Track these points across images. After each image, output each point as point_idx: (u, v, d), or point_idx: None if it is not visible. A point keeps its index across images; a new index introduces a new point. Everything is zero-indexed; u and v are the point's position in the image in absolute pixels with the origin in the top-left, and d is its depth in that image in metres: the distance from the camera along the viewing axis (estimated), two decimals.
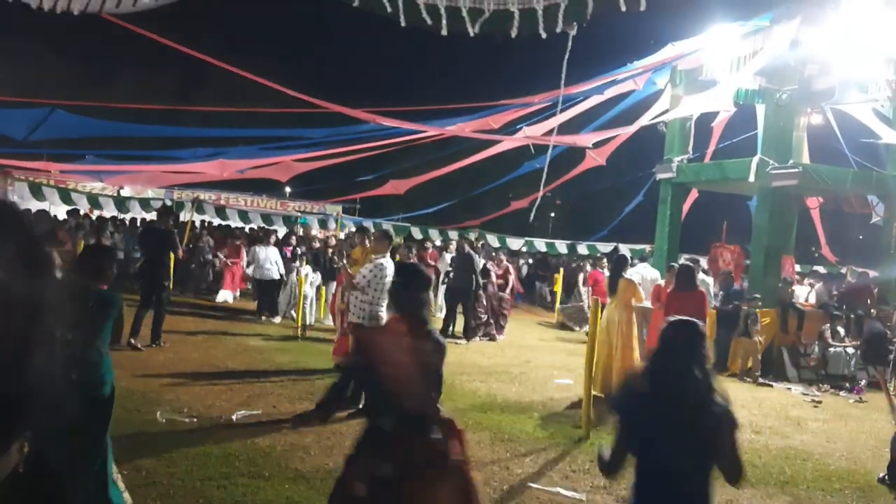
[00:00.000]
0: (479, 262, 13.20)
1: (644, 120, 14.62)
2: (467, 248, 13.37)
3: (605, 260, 17.24)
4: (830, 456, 7.26)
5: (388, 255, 7.74)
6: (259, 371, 8.82)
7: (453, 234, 25.52)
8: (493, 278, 13.52)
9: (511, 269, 14.27)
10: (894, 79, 13.25)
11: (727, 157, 15.50)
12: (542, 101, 14.38)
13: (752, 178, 12.84)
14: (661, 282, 11.30)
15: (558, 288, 19.41)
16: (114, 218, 21.07)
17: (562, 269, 20.62)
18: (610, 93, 15.59)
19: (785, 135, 12.98)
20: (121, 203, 23.27)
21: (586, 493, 5.48)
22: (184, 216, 21.05)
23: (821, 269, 24.07)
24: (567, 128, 16.15)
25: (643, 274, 12.23)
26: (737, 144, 16.71)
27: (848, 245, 22.52)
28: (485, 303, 13.14)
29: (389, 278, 7.40)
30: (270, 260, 13.52)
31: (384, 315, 7.40)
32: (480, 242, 22.09)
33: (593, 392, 7.72)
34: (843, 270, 20.81)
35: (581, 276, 17.96)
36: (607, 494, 5.52)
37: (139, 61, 33.87)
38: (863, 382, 11.45)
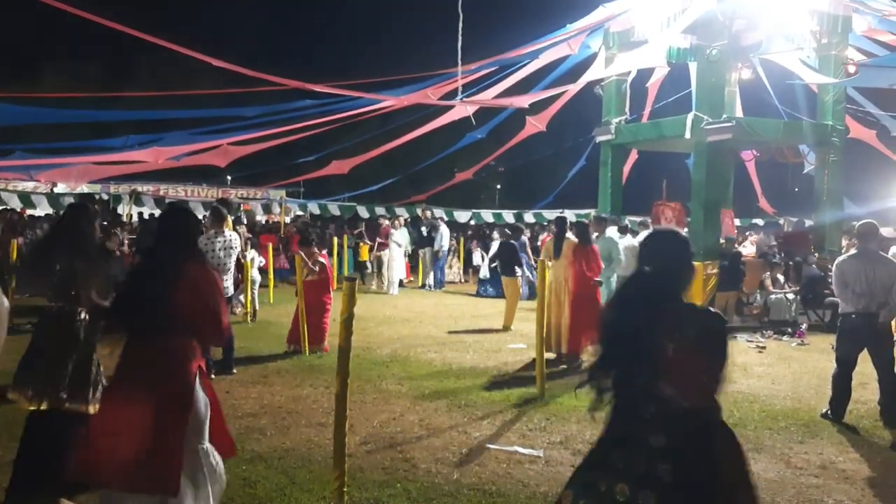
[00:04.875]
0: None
1: (583, 80, 14.72)
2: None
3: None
4: (776, 397, 7.52)
5: (226, 228, 8.06)
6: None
7: (400, 211, 25.49)
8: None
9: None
10: (818, 29, 13.58)
11: (664, 116, 15.74)
12: (481, 69, 14.35)
13: (688, 135, 13.07)
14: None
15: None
16: (48, 216, 20.42)
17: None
18: (546, 58, 15.64)
19: (717, 90, 13.22)
20: (55, 200, 22.52)
21: (543, 450, 5.57)
22: (122, 210, 20.49)
23: (759, 222, 24.74)
24: (506, 95, 16.14)
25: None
26: (673, 104, 16.98)
27: (784, 196, 23.11)
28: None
29: (222, 251, 7.78)
30: None
31: (224, 285, 7.56)
32: (427, 213, 22.00)
33: (546, 354, 7.84)
34: (781, 221, 21.40)
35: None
36: (564, 449, 5.61)
37: (61, 40, 32.66)
38: (804, 326, 11.86)
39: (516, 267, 12.05)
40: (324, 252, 9.94)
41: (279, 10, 64.44)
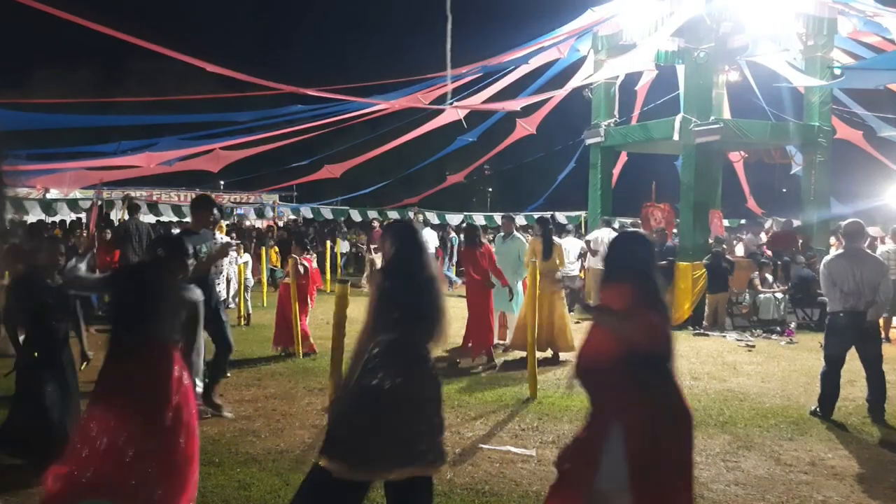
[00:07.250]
0: None
1: (573, 84, 14.82)
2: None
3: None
4: (765, 395, 7.60)
5: (218, 232, 7.93)
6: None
7: (393, 214, 25.52)
8: None
9: None
10: (804, 31, 13.72)
11: (652, 119, 15.85)
12: (471, 73, 14.42)
13: (676, 137, 13.17)
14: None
15: None
16: (41, 221, 20.34)
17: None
18: (535, 62, 15.73)
19: (705, 92, 13.34)
20: (47, 206, 22.43)
21: (536, 449, 5.63)
22: (115, 216, 20.39)
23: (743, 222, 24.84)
24: (496, 99, 16.22)
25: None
26: (661, 107, 17.10)
27: (772, 196, 23.31)
28: None
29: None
30: None
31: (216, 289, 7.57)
32: (419, 216, 22.07)
33: (539, 354, 7.90)
34: (768, 223, 21.51)
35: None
36: (556, 449, 5.65)
37: (53, 44, 32.60)
38: (792, 325, 11.97)
39: None
40: (306, 256, 9.97)
41: (272, 14, 64.50)
